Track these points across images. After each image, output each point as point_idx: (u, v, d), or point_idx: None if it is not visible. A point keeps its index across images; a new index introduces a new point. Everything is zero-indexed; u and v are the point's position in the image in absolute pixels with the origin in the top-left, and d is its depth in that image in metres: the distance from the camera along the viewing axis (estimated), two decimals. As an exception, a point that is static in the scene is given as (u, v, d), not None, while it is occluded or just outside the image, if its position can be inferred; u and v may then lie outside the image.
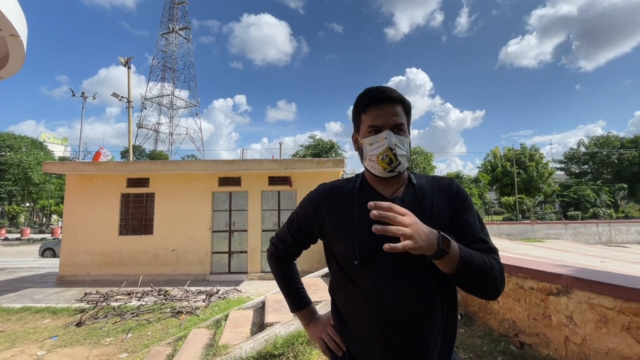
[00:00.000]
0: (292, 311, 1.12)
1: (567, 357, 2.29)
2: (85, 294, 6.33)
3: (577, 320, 2.22)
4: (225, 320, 4.05)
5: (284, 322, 3.24)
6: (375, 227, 0.70)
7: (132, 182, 8.46)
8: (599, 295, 2.08)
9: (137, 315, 5.22)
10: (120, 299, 6.16)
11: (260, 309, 4.31)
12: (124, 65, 14.07)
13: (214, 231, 8.40)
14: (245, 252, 8.33)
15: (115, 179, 8.44)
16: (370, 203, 0.72)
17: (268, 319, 3.52)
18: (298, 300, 1.09)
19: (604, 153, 37.17)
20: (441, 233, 0.73)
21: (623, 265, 8.57)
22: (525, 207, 31.29)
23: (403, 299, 0.83)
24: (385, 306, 0.83)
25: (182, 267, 8.17)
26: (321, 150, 32.51)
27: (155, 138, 59.10)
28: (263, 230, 8.36)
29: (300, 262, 8.42)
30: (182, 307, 5.62)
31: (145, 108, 58.63)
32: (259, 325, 3.68)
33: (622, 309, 1.94)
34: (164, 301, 6.01)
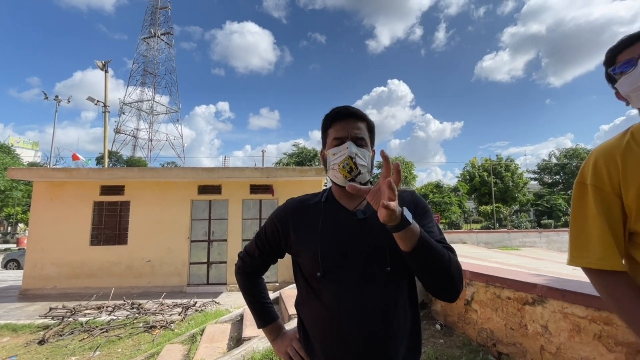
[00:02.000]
0: (258, 327, 1.11)
1: (542, 367, 2.31)
2: (51, 308, 5.94)
3: (552, 329, 2.26)
4: (201, 334, 3.89)
5: (262, 336, 3.13)
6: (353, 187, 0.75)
7: (106, 190, 8.11)
8: (571, 304, 2.12)
9: (106, 331, 4.93)
10: (89, 313, 5.81)
11: (239, 322, 4.17)
12: (101, 69, 13.63)
13: (192, 241, 8.15)
14: (225, 262, 8.11)
15: (88, 186, 8.07)
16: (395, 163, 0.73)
17: (246, 332, 3.40)
18: (265, 316, 1.10)
19: (574, 164, 39.14)
20: (404, 207, 0.76)
21: (593, 272, 8.94)
22: (502, 216, 32.33)
23: (365, 309, 0.85)
24: (348, 316, 0.85)
25: (158, 279, 7.85)
26: (305, 159, 32.53)
27: (133, 144, 57.40)
28: (244, 240, 8.17)
29: (282, 273, 8.29)
30: (156, 321, 5.36)
31: (123, 113, 56.97)
32: (237, 339, 3.55)
33: (594, 318, 1.98)
34: (136, 315, 5.72)
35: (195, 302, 6.45)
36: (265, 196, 8.36)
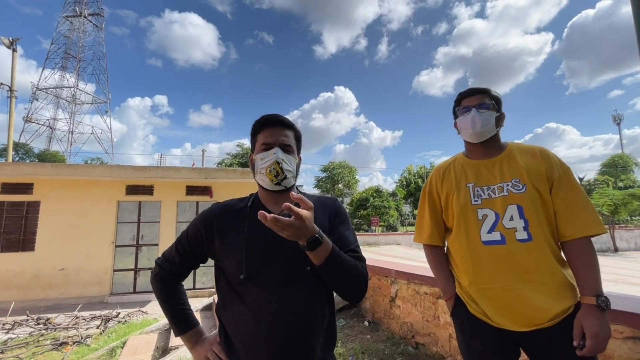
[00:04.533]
0: (176, 334, 1.06)
1: (450, 353, 2.62)
2: None
3: (458, 319, 2.58)
4: (122, 347, 3.57)
5: (191, 344, 3.01)
6: (285, 205, 0.80)
7: (9, 188, 6.98)
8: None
9: (1, 352, 4.23)
10: (-22, 333, 4.93)
11: (167, 331, 3.92)
12: (8, 47, 11.65)
13: (117, 246, 7.41)
14: (156, 268, 7.54)
15: (-16, 183, 6.85)
16: (285, 204, 0.80)
17: (174, 341, 3.23)
18: (184, 323, 1.06)
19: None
20: (319, 230, 0.85)
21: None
22: (432, 219, 35.29)
23: (287, 308, 0.89)
24: (270, 316, 0.88)
25: (73, 289, 6.97)
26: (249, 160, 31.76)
27: (49, 136, 50.00)
28: (178, 244, 7.71)
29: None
30: (68, 336, 4.76)
31: (37, 99, 49.35)
32: (163, 349, 3.34)
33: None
34: (43, 332, 5.01)
35: (119, 313, 5.88)
36: (203, 198, 7.98)
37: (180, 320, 1.06)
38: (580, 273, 1.19)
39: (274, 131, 1.02)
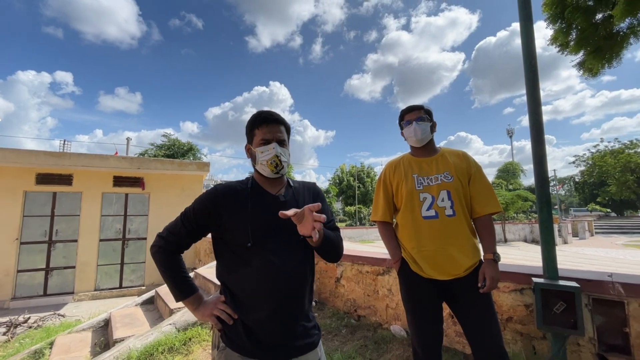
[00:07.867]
0: (178, 300, 1.18)
1: (387, 320, 3.10)
2: None
3: (394, 290, 3.07)
4: (50, 348, 3.26)
5: (140, 335, 2.93)
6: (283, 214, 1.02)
7: None
8: (406, 270, 2.95)
9: None
10: None
11: (102, 328, 3.67)
12: None
13: (22, 243, 6.43)
14: (73, 267, 6.74)
15: None
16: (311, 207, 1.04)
17: (118, 334, 3.08)
18: (187, 288, 1.18)
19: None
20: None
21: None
22: (362, 215, 37.72)
23: (286, 268, 1.12)
24: (274, 274, 1.10)
25: (-39, 295, 5.85)
26: (177, 152, 29.47)
27: None
28: (102, 240, 7.00)
29: (150, 275, 7.46)
30: (-36, 347, 4.07)
31: None
32: (105, 344, 3.16)
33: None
34: None
35: (28, 318, 5.17)
36: (133, 190, 7.40)
37: (183, 286, 1.18)
38: (485, 238, 1.75)
39: (271, 128, 1.21)
